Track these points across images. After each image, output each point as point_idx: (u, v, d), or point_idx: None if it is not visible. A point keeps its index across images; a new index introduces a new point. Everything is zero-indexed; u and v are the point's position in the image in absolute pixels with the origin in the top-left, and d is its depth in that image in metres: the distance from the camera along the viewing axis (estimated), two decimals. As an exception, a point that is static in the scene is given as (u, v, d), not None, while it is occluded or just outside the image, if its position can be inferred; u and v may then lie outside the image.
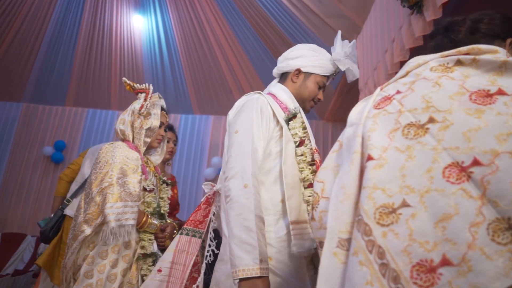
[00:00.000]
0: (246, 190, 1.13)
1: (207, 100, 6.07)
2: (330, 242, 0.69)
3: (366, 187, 0.67)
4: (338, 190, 0.72)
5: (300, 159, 1.29)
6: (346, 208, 0.69)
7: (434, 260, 0.57)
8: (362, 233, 0.65)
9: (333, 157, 0.84)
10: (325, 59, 1.42)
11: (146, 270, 1.63)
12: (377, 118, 0.75)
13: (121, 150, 1.69)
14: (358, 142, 0.74)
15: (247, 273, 1.05)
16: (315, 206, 0.80)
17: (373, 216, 0.65)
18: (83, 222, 1.56)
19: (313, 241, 1.23)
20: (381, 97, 0.80)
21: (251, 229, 1.09)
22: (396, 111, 0.73)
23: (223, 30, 5.06)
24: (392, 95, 0.78)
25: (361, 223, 0.66)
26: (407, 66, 0.83)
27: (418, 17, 2.63)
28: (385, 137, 0.71)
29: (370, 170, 0.68)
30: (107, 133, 6.27)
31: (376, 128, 0.73)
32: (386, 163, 0.67)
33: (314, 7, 4.11)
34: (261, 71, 5.44)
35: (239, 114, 1.29)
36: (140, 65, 5.73)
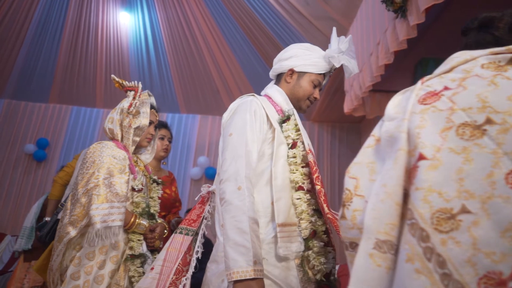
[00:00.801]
0: (240, 192, 1.15)
1: (193, 99, 6.04)
2: (366, 242, 0.66)
3: (421, 189, 0.63)
4: (378, 189, 0.68)
5: (291, 161, 1.28)
6: (387, 208, 0.66)
7: (503, 272, 0.54)
8: (418, 238, 0.61)
9: (367, 152, 0.79)
10: (319, 57, 1.41)
11: (134, 271, 1.60)
12: (425, 114, 0.70)
13: (108, 150, 1.66)
14: (403, 138, 0.70)
15: (241, 275, 1.05)
16: (347, 204, 0.76)
17: (429, 221, 0.61)
18: (68, 223, 1.54)
19: (301, 244, 1.23)
20: (426, 92, 0.75)
21: (244, 231, 1.10)
22: (447, 109, 0.69)
23: (211, 29, 5.06)
24: (440, 90, 0.73)
25: (415, 227, 0.62)
26: (451, 61, 0.80)
27: (403, 21, 2.69)
28: (437, 136, 0.67)
29: (424, 170, 0.64)
30: (91, 132, 6.18)
31: (426, 125, 0.69)
32: (441, 164, 0.64)
33: (301, 9, 4.14)
34: (248, 71, 5.46)
35: (233, 117, 1.31)
36: (126, 63, 5.67)
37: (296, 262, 1.22)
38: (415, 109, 0.73)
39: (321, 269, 1.20)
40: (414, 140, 0.68)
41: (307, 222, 1.24)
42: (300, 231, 1.23)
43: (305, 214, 1.24)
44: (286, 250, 1.18)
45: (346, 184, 0.79)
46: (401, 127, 0.72)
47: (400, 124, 0.72)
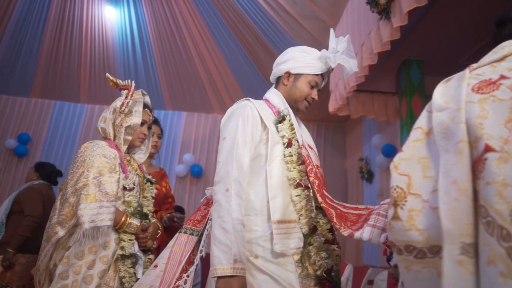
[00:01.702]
0: (227, 194, 1.21)
1: (180, 96, 6.00)
2: (451, 248, 0.60)
3: (493, 183, 0.59)
4: (448, 186, 0.64)
5: (288, 159, 1.32)
6: (464, 206, 0.61)
7: None
8: (498, 237, 0.57)
9: (417, 147, 0.74)
10: (315, 58, 1.43)
11: (125, 272, 1.58)
12: (485, 104, 0.67)
13: (99, 149, 1.65)
14: (462, 129, 0.65)
15: (222, 272, 1.12)
16: (400, 203, 0.71)
17: (509, 218, 0.56)
18: (57, 223, 1.52)
19: (300, 240, 1.26)
20: (479, 81, 0.72)
21: (228, 231, 1.16)
22: (510, 98, 0.66)
23: (198, 26, 5.03)
24: (496, 79, 0.70)
25: (492, 225, 0.58)
26: (502, 50, 0.78)
27: (386, 22, 2.73)
28: (502, 127, 0.63)
29: (494, 163, 0.60)
30: (75, 127, 6.08)
31: (487, 115, 0.65)
32: (511, 157, 0.60)
33: (288, 8, 4.16)
34: (235, 69, 5.45)
35: (228, 122, 1.36)
36: (112, 58, 5.59)
37: (295, 258, 1.24)
38: (471, 98, 0.69)
39: (322, 264, 1.23)
40: (476, 131, 0.64)
41: (306, 218, 1.27)
42: (301, 227, 1.26)
43: (304, 210, 1.27)
44: (283, 247, 1.21)
45: (395, 181, 0.73)
46: (458, 117, 0.67)
47: (456, 115, 0.68)
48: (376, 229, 1.07)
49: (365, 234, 1.07)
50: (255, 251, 1.22)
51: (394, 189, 0.73)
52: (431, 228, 0.66)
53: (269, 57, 5.04)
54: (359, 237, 1.07)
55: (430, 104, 0.77)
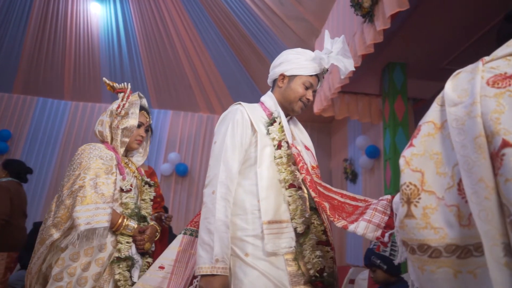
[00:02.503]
0: (213, 196, 1.26)
1: (166, 94, 5.96)
2: (494, 250, 0.58)
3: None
4: (475, 185, 0.61)
5: (278, 161, 1.34)
6: (495, 205, 0.59)
7: None
8: None
9: (429, 142, 0.72)
10: (308, 59, 1.44)
11: (120, 275, 1.56)
12: (501, 99, 0.65)
13: (96, 151, 1.65)
14: (479, 123, 0.64)
15: (204, 270, 1.18)
16: (414, 201, 0.69)
17: None
18: (52, 225, 1.52)
19: (292, 239, 1.27)
20: (494, 75, 0.70)
21: (211, 232, 1.21)
22: None
23: (185, 24, 5.00)
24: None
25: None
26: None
27: (370, 25, 2.77)
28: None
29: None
30: (58, 125, 5.98)
31: (504, 110, 0.63)
32: None
33: (275, 8, 4.18)
34: (222, 68, 5.44)
35: (219, 126, 1.41)
36: (97, 54, 5.52)
37: (287, 257, 1.26)
38: (486, 92, 0.67)
39: (316, 262, 1.25)
40: (492, 126, 0.62)
41: (302, 217, 1.29)
42: (295, 228, 1.29)
43: (299, 210, 1.29)
44: (274, 246, 1.23)
45: (408, 177, 0.71)
46: (474, 111, 0.65)
47: (472, 109, 0.66)
48: (372, 224, 1.07)
49: (360, 228, 1.07)
50: (246, 249, 1.25)
51: (407, 186, 0.70)
52: (447, 227, 0.65)
53: (256, 57, 5.06)
54: (353, 230, 1.07)
55: (441, 98, 0.75)
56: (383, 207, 1.11)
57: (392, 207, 1.04)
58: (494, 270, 0.57)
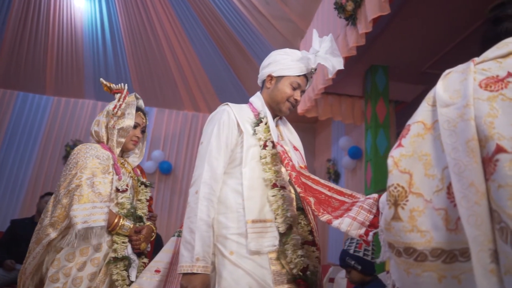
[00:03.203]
0: (196, 196, 1.28)
1: (150, 91, 5.91)
2: (481, 256, 0.57)
3: (506, 186, 0.56)
4: (465, 189, 0.60)
5: (263, 161, 1.36)
6: (485, 210, 0.58)
7: None
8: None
9: (418, 142, 0.71)
10: (295, 59, 1.44)
11: (118, 275, 1.55)
12: (494, 103, 0.64)
13: (92, 151, 1.66)
14: (472, 127, 0.63)
15: (185, 269, 1.20)
16: (401, 203, 0.68)
17: None
18: (49, 225, 1.51)
19: (276, 239, 1.28)
20: (486, 77, 0.69)
21: (193, 231, 1.23)
22: None
23: (171, 21, 4.97)
24: (504, 77, 0.68)
25: (506, 231, 0.56)
26: (506, 46, 0.75)
27: (353, 28, 2.81)
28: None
29: (506, 165, 0.57)
30: (39, 120, 5.85)
31: (497, 114, 0.62)
32: None
33: (261, 8, 4.19)
34: (207, 66, 5.43)
35: (206, 127, 1.43)
36: (80, 49, 5.42)
37: (270, 255, 1.28)
38: (479, 95, 0.66)
39: (298, 262, 1.26)
40: (485, 130, 0.61)
41: (283, 217, 1.30)
42: (278, 227, 1.30)
43: (280, 210, 1.30)
44: (257, 245, 1.25)
45: (396, 179, 0.69)
46: (467, 114, 0.64)
47: (465, 112, 0.65)
48: (356, 222, 1.06)
49: (344, 225, 1.06)
50: (230, 247, 1.26)
51: (394, 188, 0.69)
52: (433, 230, 0.64)
53: (241, 56, 5.06)
54: (337, 226, 1.07)
55: (432, 98, 0.74)
56: (369, 205, 1.11)
57: (379, 206, 1.04)
58: (480, 276, 0.56)
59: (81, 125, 5.94)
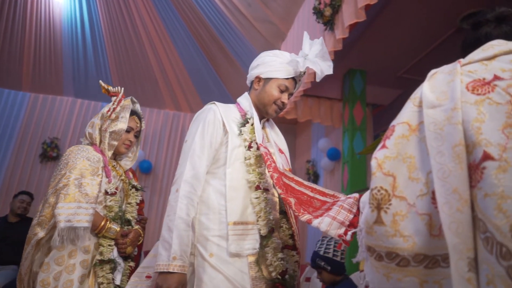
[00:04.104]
0: (176, 194, 1.27)
1: (131, 89, 5.84)
2: (459, 264, 0.56)
3: (492, 195, 0.55)
4: (449, 195, 0.59)
5: (247, 162, 1.34)
6: (467, 218, 0.57)
7: None
8: (497, 256, 0.53)
9: (402, 143, 0.69)
10: (284, 62, 1.43)
11: (103, 278, 1.56)
12: (481, 107, 0.63)
13: (84, 152, 1.66)
14: (460, 131, 0.61)
15: (162, 268, 1.19)
16: (384, 207, 0.66)
17: (509, 234, 0.52)
18: (36, 224, 1.52)
19: (256, 241, 1.27)
20: (473, 80, 0.68)
21: (171, 229, 1.22)
22: (506, 102, 0.62)
23: (153, 19, 4.93)
24: (491, 80, 0.66)
25: (492, 242, 0.54)
26: (492, 49, 0.74)
27: (331, 33, 2.87)
28: (499, 133, 0.59)
29: (492, 173, 0.56)
30: (15, 117, 5.69)
31: (484, 119, 0.61)
32: (510, 166, 0.56)
33: (243, 9, 4.21)
34: (189, 65, 5.41)
35: (192, 125, 1.41)
36: (59, 45, 5.31)
37: (250, 259, 1.26)
38: (467, 99, 0.64)
39: (278, 265, 1.26)
40: (474, 136, 0.60)
41: (265, 220, 1.29)
42: (259, 229, 1.28)
43: (263, 212, 1.29)
44: (238, 248, 1.24)
45: (379, 181, 0.68)
46: (454, 118, 0.63)
47: (452, 115, 0.63)
48: (336, 221, 1.05)
49: (323, 224, 1.04)
50: (210, 249, 1.25)
51: (377, 190, 0.67)
52: (416, 235, 0.63)
53: (224, 56, 5.08)
54: (317, 225, 1.06)
55: (418, 98, 0.72)
56: (350, 205, 1.11)
57: (359, 206, 1.03)
58: (457, 285, 0.55)
59: (59, 123, 5.83)
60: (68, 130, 5.80)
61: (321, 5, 2.82)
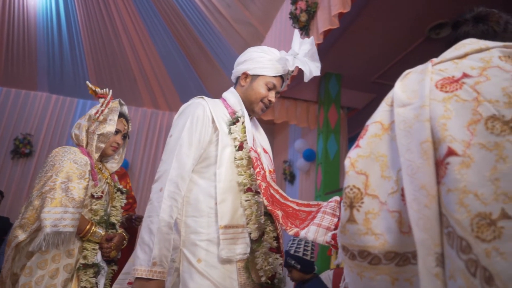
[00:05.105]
0: (160, 193, 1.17)
1: (108, 86, 5.63)
2: (427, 260, 0.56)
3: (455, 190, 0.56)
4: (417, 191, 0.59)
5: (238, 163, 1.28)
6: (434, 214, 0.57)
7: None
8: (457, 250, 0.54)
9: (375, 143, 0.69)
10: (273, 59, 1.38)
11: (86, 282, 1.54)
12: (448, 104, 0.63)
13: (70, 155, 1.63)
14: (427, 128, 0.62)
15: (139, 273, 1.10)
16: (357, 205, 0.66)
17: (469, 228, 0.53)
18: (18, 227, 1.49)
19: (247, 246, 1.22)
20: (442, 78, 0.68)
21: (152, 232, 1.13)
22: (472, 99, 0.62)
23: (131, 15, 4.88)
24: (459, 77, 0.67)
25: (453, 236, 0.55)
26: (464, 48, 0.75)
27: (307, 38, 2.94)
28: (464, 129, 0.60)
29: (456, 168, 0.57)
30: (-15, 111, 5.54)
31: (451, 116, 0.61)
32: (473, 162, 0.56)
33: (222, 10, 4.24)
34: (168, 63, 5.39)
35: (178, 119, 1.32)
36: (33, 39, 5.18)
37: (239, 265, 1.21)
38: (435, 96, 0.65)
39: (269, 269, 1.21)
40: (439, 132, 0.60)
41: (256, 223, 1.24)
42: (249, 233, 1.23)
43: (254, 215, 1.24)
44: (229, 252, 1.18)
45: (352, 180, 0.67)
46: (422, 115, 0.63)
47: (420, 112, 0.64)
48: (321, 228, 1.04)
49: (310, 233, 1.04)
50: (198, 254, 1.18)
51: (350, 189, 0.67)
52: (387, 233, 0.63)
53: (203, 55, 5.08)
54: (304, 236, 1.05)
55: (390, 98, 0.73)
56: (332, 208, 1.10)
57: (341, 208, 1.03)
58: (424, 280, 0.55)
59: (33, 118, 5.69)
60: (42, 127, 5.67)
61: (297, 11, 2.89)
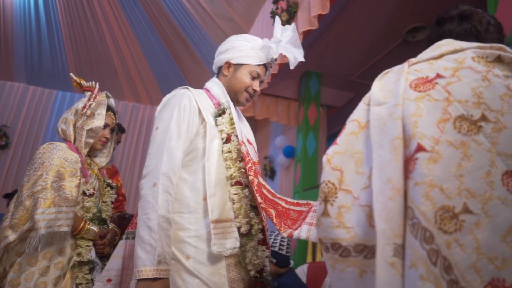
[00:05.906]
0: (154, 189, 1.13)
1: (89, 78, 5.57)
2: (385, 249, 0.58)
3: (421, 184, 0.58)
4: (383, 185, 0.61)
5: (226, 156, 1.25)
6: (398, 206, 0.60)
7: (506, 280, 0.52)
8: (421, 240, 0.56)
9: (352, 140, 0.71)
10: (256, 47, 1.35)
11: (82, 278, 1.53)
12: (420, 103, 0.65)
13: (60, 152, 1.58)
14: (399, 126, 0.64)
15: (144, 274, 1.04)
16: (331, 199, 0.68)
17: (433, 219, 0.56)
18: (8, 227, 1.44)
19: (237, 240, 1.19)
20: (417, 78, 0.71)
21: (152, 229, 1.08)
22: (443, 99, 0.65)
23: (112, 6, 4.81)
24: (433, 78, 0.69)
25: (417, 227, 0.57)
26: (439, 48, 0.77)
27: (287, 37, 2.99)
28: (434, 127, 0.62)
29: (424, 163, 0.59)
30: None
31: (422, 114, 0.64)
32: (440, 157, 0.59)
33: (205, 5, 4.23)
34: (150, 56, 5.35)
35: (163, 110, 1.27)
36: (10, 27, 5.04)
37: (228, 261, 1.19)
38: (408, 95, 0.68)
39: (258, 263, 1.20)
40: (410, 129, 0.63)
41: (246, 217, 1.22)
42: (239, 227, 1.21)
43: (243, 209, 1.22)
44: (220, 247, 1.14)
45: (327, 176, 0.70)
46: (395, 113, 0.66)
47: (394, 111, 0.66)
48: (313, 226, 1.04)
49: (303, 232, 1.04)
50: (187, 252, 1.15)
51: (325, 184, 0.69)
52: (358, 226, 0.65)
53: (185, 49, 5.06)
54: (297, 236, 1.04)
55: (367, 97, 0.75)
56: None
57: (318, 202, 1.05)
58: (380, 269, 0.57)
59: (9, 110, 5.55)
60: (19, 118, 5.55)
61: (279, 10, 2.93)
